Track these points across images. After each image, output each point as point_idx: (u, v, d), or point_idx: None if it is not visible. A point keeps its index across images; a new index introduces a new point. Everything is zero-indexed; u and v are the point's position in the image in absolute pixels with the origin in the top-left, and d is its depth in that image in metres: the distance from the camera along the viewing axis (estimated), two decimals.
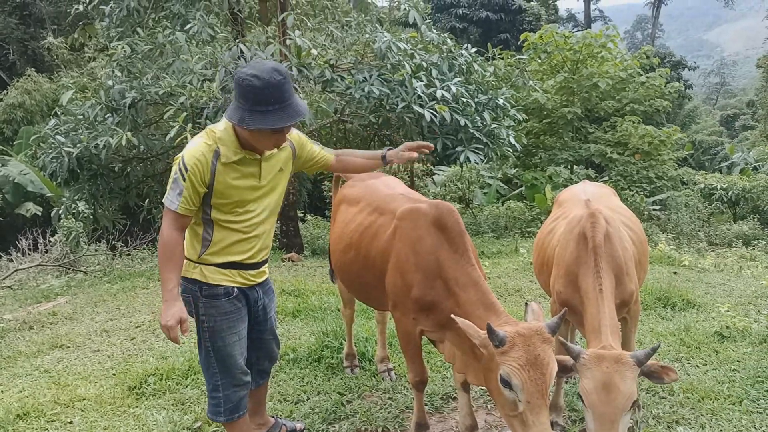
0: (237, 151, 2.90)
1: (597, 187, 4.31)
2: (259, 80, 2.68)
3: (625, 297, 3.27)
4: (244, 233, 3.03)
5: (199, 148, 2.86)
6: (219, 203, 2.94)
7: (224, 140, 2.89)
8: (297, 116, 2.80)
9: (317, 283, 7.67)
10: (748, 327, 5.25)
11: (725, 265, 9.34)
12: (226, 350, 3.10)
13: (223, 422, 3.23)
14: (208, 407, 3.23)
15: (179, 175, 2.83)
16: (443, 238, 3.22)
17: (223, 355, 3.10)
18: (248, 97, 2.71)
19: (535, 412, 2.60)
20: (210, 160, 2.85)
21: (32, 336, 6.15)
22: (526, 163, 17.74)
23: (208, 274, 3.01)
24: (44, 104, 18.88)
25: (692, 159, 28.15)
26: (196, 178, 2.83)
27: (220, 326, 3.06)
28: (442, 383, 4.39)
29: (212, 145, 2.87)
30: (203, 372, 3.21)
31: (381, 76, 8.56)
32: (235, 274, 3.07)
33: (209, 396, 3.21)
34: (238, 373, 3.16)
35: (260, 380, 3.52)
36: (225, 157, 2.87)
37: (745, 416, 3.77)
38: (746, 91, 56.93)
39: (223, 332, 3.07)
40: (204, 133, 2.94)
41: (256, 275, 3.18)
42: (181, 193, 2.83)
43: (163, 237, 2.87)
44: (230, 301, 3.06)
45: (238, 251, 3.04)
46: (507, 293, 7.05)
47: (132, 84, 8.34)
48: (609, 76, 16.35)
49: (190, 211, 2.89)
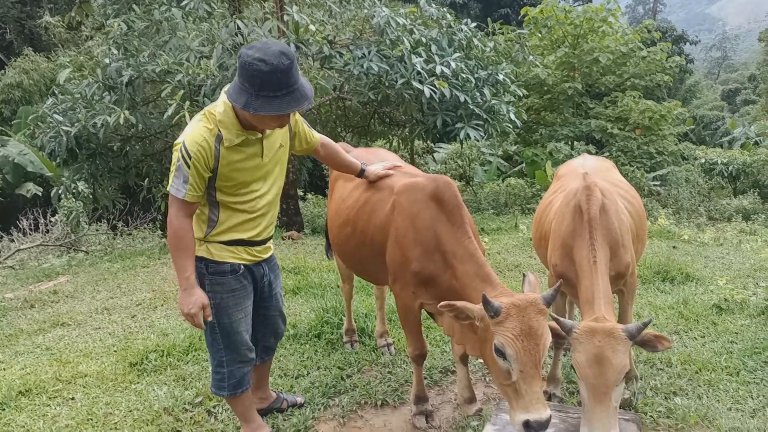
0: (239, 133, 2.86)
1: (596, 161, 4.30)
2: (266, 65, 2.59)
3: (620, 269, 3.28)
4: (250, 212, 3.03)
5: (200, 133, 2.80)
6: (224, 185, 2.92)
7: (225, 123, 2.83)
8: (304, 101, 2.73)
9: (317, 260, 7.70)
10: (746, 299, 5.27)
11: (725, 239, 9.35)
12: (232, 327, 3.11)
13: (225, 397, 3.26)
14: (212, 382, 3.26)
15: (183, 162, 2.78)
16: (441, 212, 3.22)
17: (229, 332, 3.12)
18: (254, 82, 2.62)
19: (528, 381, 2.62)
20: (212, 145, 2.80)
21: (33, 314, 6.19)
22: (527, 140, 17.67)
23: (214, 251, 3.01)
24: (42, 84, 18.80)
25: (693, 134, 28.05)
26: (200, 164, 2.79)
27: (227, 303, 3.07)
28: (441, 357, 4.41)
29: (213, 128, 2.82)
30: (208, 347, 3.24)
31: (380, 52, 8.48)
32: (241, 251, 3.08)
33: (213, 371, 3.23)
34: (243, 349, 3.18)
35: (265, 356, 3.55)
36: (227, 140, 2.83)
37: (742, 387, 3.80)
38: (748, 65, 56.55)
39: (229, 309, 3.09)
40: (202, 115, 2.88)
41: (261, 251, 3.19)
42: (187, 180, 2.79)
43: (172, 226, 2.85)
44: (236, 278, 3.08)
45: (244, 229, 3.04)
46: (506, 269, 7.07)
47: (129, 62, 8.28)
48: (610, 50, 16.22)
49: (197, 197, 2.86)
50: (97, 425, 3.63)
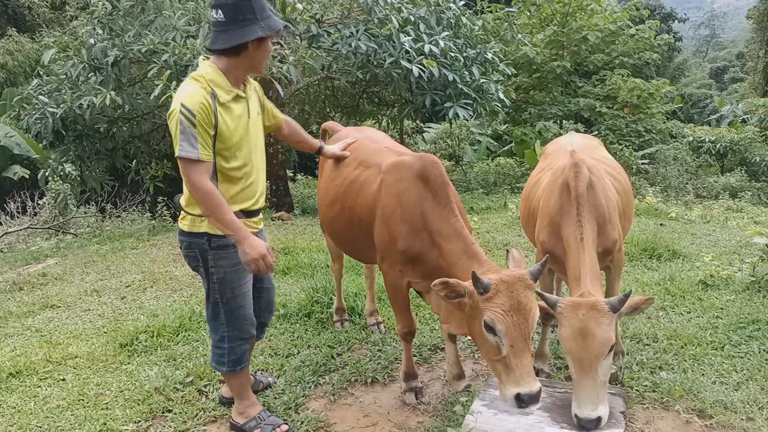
0: (230, 90, 2.95)
1: (583, 139, 4.31)
2: None
3: (608, 245, 3.31)
4: (245, 180, 3.08)
5: (198, 92, 2.84)
6: (221, 148, 2.94)
7: (216, 81, 2.90)
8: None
9: (307, 240, 7.70)
10: (731, 275, 5.33)
11: (711, 216, 9.42)
12: (236, 301, 3.15)
13: (225, 372, 3.28)
14: (212, 357, 3.30)
15: (188, 123, 2.78)
16: (427, 190, 3.24)
17: (232, 307, 3.15)
18: (253, 9, 2.85)
19: (518, 355, 2.66)
20: (211, 103, 2.85)
21: (23, 297, 6.17)
22: (516, 119, 17.67)
23: (206, 227, 3.03)
24: (27, 65, 18.58)
25: (681, 112, 28.14)
26: (204, 122, 2.82)
27: (230, 277, 3.10)
28: (430, 335, 4.45)
29: (207, 88, 2.87)
30: (209, 323, 3.26)
31: (368, 31, 8.42)
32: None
33: (214, 346, 3.26)
34: (246, 324, 3.22)
35: (261, 334, 3.58)
36: (222, 97, 2.90)
37: (726, 360, 3.85)
38: (736, 43, 56.58)
39: (233, 283, 3.12)
40: (191, 80, 2.91)
41: (257, 222, 3.24)
42: (196, 140, 2.81)
43: (200, 190, 2.84)
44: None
45: (241, 199, 3.08)
46: (495, 247, 7.10)
47: (114, 42, 8.17)
48: (598, 28, 16.20)
49: (209, 156, 2.88)
50: (88, 405, 3.65)
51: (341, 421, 3.43)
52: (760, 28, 28.38)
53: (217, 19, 2.90)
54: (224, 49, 2.92)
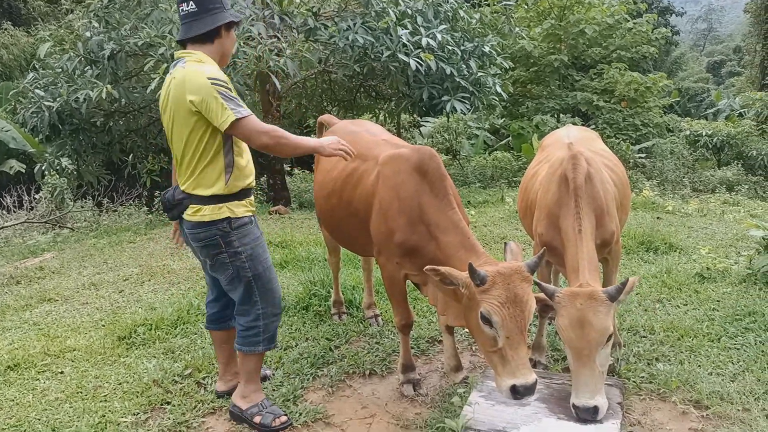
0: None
1: (580, 131, 4.31)
2: None
3: (606, 237, 3.32)
4: (245, 152, 3.21)
5: (217, 67, 3.08)
6: None
7: (215, 62, 3.12)
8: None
9: (304, 234, 7.71)
10: (728, 268, 5.35)
11: (708, 209, 9.45)
12: (267, 274, 3.24)
13: (260, 351, 3.32)
14: (242, 341, 3.30)
15: (225, 91, 2.94)
16: (425, 183, 3.24)
17: (265, 281, 3.23)
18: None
19: (514, 347, 2.67)
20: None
21: (20, 290, 6.17)
22: (513, 113, 17.66)
23: (234, 209, 3.12)
24: (22, 59, 18.49)
25: (678, 106, 28.16)
26: (233, 90, 3.02)
27: (257, 252, 3.20)
28: (428, 327, 4.46)
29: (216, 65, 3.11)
30: (241, 307, 3.28)
31: (365, 24, 8.42)
32: (248, 203, 3.21)
33: (244, 329, 3.29)
34: (278, 298, 3.33)
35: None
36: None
37: (723, 352, 3.87)
38: (733, 37, 56.53)
39: (261, 257, 3.22)
40: (199, 62, 3.04)
41: (252, 203, 3.31)
42: (239, 100, 2.99)
43: (269, 132, 3.00)
44: (255, 226, 3.25)
45: (245, 175, 3.18)
46: (492, 241, 7.11)
47: (110, 35, 8.16)
48: (596, 22, 16.17)
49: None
50: (87, 398, 3.65)
51: (339, 412, 3.44)
52: (757, 22, 28.39)
53: (189, 11, 3.08)
54: (201, 36, 3.09)
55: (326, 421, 3.35)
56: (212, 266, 3.25)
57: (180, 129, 3.05)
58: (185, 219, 3.17)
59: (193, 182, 3.09)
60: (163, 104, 3.15)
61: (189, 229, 3.17)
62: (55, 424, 3.37)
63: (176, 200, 3.20)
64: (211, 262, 3.22)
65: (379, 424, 3.32)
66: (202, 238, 3.14)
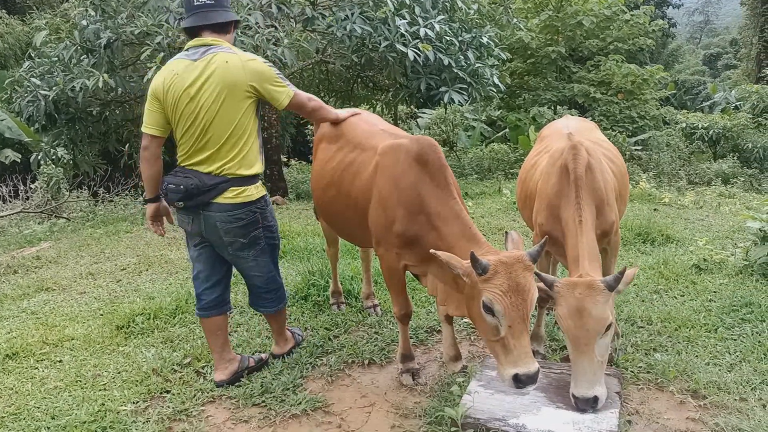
0: None
1: (579, 122, 4.32)
2: None
3: (606, 227, 3.33)
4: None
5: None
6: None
7: None
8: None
9: (302, 225, 7.70)
10: (724, 260, 5.37)
11: (704, 202, 9.48)
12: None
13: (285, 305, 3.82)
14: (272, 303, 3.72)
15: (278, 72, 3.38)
16: (425, 173, 3.23)
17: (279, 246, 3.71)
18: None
19: (516, 336, 2.67)
20: None
21: (17, 279, 6.16)
22: (510, 105, 17.65)
23: (262, 189, 3.47)
24: (17, 47, 18.33)
25: (674, 99, 28.17)
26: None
27: (276, 222, 3.62)
28: (426, 317, 4.47)
29: None
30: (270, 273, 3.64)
31: (363, 14, 8.38)
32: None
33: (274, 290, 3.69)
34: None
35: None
36: None
37: (720, 342, 3.89)
38: (730, 30, 56.45)
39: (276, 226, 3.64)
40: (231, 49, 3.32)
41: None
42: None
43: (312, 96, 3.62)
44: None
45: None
46: (490, 232, 7.12)
47: (107, 23, 8.09)
48: (593, 13, 16.16)
49: None
50: (86, 386, 3.65)
51: (339, 401, 3.45)
52: (753, 15, 28.39)
53: (205, 2, 3.27)
54: (218, 26, 3.32)
55: (326, 410, 3.36)
56: (243, 245, 3.42)
57: (230, 113, 3.21)
58: (219, 203, 3.27)
59: (237, 164, 3.27)
60: (199, 90, 3.18)
61: (228, 211, 3.29)
62: (54, 412, 3.37)
63: (209, 186, 3.25)
64: (244, 240, 3.39)
65: (379, 413, 3.33)
66: (243, 218, 3.32)
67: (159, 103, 3.30)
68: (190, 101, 3.19)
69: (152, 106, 3.32)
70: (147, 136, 3.35)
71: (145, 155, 3.38)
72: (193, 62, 3.21)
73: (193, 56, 3.23)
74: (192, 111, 3.20)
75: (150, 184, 3.48)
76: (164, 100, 3.27)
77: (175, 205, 3.38)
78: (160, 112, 3.31)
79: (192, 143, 3.27)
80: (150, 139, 3.34)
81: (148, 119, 3.34)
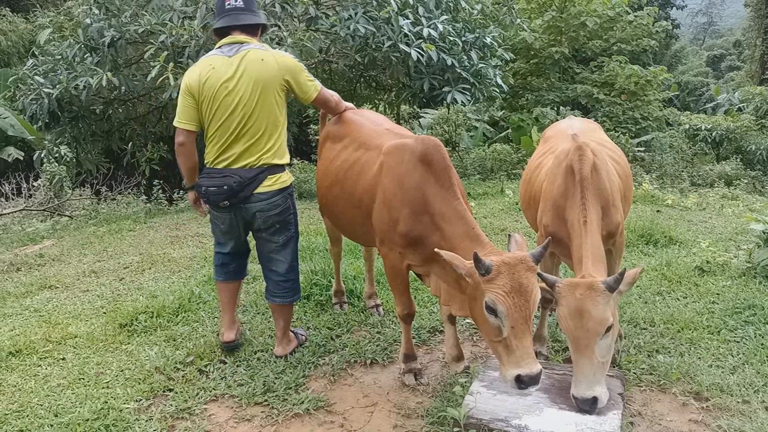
0: None
1: (583, 122, 4.32)
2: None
3: (611, 228, 3.33)
4: None
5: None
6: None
7: None
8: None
9: (305, 224, 7.69)
10: (727, 262, 5.37)
11: (707, 203, 9.47)
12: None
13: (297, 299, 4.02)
14: (286, 293, 3.87)
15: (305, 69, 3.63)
16: (429, 173, 3.23)
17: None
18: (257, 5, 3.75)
19: (519, 336, 2.68)
20: None
21: (20, 277, 6.16)
22: (513, 105, 17.61)
23: (291, 176, 3.77)
24: (21, 45, 18.37)
25: (678, 100, 28.14)
26: None
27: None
28: (429, 317, 4.47)
29: None
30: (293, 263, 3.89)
31: (367, 14, 8.36)
32: None
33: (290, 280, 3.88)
34: None
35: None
36: None
37: (722, 345, 3.89)
38: (733, 31, 56.34)
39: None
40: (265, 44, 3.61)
41: None
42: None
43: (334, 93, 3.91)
44: None
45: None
46: (492, 232, 7.12)
47: (111, 22, 8.09)
48: (597, 14, 16.13)
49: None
50: (89, 384, 3.66)
51: (341, 400, 3.45)
52: (757, 16, 28.37)
53: (236, 5, 3.49)
54: (250, 28, 3.54)
55: (328, 409, 3.37)
56: (277, 230, 3.69)
57: (267, 105, 3.44)
58: (260, 192, 3.52)
59: (273, 154, 3.54)
60: (237, 84, 3.40)
61: (267, 200, 3.55)
62: (57, 409, 3.38)
63: (249, 178, 3.47)
64: (279, 225, 3.67)
65: (381, 413, 3.33)
66: (280, 204, 3.62)
67: (193, 99, 3.49)
68: (228, 94, 3.40)
69: (186, 102, 3.51)
70: (183, 132, 3.56)
71: (182, 150, 3.60)
72: (229, 58, 3.44)
73: (228, 53, 3.46)
74: (230, 104, 3.41)
75: (190, 174, 3.72)
76: (200, 93, 3.46)
77: (219, 205, 3.55)
78: (195, 107, 3.50)
79: (227, 136, 3.47)
80: (186, 134, 3.56)
81: (182, 115, 3.53)
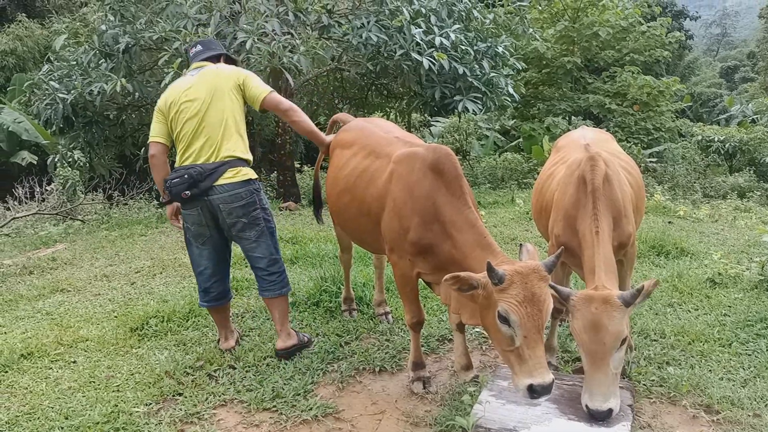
0: None
1: (595, 133, 4.30)
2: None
3: (623, 239, 3.31)
4: None
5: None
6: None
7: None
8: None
9: (314, 231, 7.72)
10: (740, 274, 5.33)
11: (719, 215, 9.41)
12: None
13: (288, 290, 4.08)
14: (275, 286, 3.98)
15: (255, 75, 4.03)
16: (440, 182, 3.23)
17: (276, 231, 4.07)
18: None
19: (532, 346, 2.66)
20: None
21: (33, 280, 6.22)
22: (524, 114, 17.62)
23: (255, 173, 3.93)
24: (36, 51, 18.59)
25: (690, 111, 28.03)
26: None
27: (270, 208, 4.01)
28: (438, 326, 4.47)
29: None
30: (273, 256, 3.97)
31: (379, 22, 8.43)
32: None
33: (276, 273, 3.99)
34: None
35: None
36: None
37: (734, 357, 3.86)
38: (747, 43, 56.19)
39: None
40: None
41: None
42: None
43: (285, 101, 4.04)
44: None
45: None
46: (503, 242, 7.10)
47: (125, 28, 8.20)
48: (610, 24, 16.14)
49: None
50: (99, 387, 3.68)
51: (349, 407, 3.45)
52: None
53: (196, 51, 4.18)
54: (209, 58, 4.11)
55: (336, 416, 3.36)
56: (245, 225, 3.82)
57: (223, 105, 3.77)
58: (222, 184, 3.72)
59: (233, 149, 3.76)
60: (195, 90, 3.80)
61: (229, 191, 3.74)
62: (68, 412, 3.39)
63: (210, 170, 3.71)
64: (246, 220, 3.80)
65: (389, 421, 3.32)
66: (244, 196, 3.76)
67: (163, 115, 3.91)
68: (188, 100, 3.80)
69: (158, 119, 3.95)
70: (154, 145, 3.96)
71: (155, 162, 3.98)
72: (191, 77, 3.91)
73: (191, 74, 3.95)
74: (189, 106, 3.78)
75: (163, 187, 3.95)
76: (168, 110, 3.86)
77: (182, 196, 3.75)
78: (164, 123, 3.91)
79: (189, 135, 3.79)
80: (156, 146, 3.95)
81: (154, 130, 3.97)
